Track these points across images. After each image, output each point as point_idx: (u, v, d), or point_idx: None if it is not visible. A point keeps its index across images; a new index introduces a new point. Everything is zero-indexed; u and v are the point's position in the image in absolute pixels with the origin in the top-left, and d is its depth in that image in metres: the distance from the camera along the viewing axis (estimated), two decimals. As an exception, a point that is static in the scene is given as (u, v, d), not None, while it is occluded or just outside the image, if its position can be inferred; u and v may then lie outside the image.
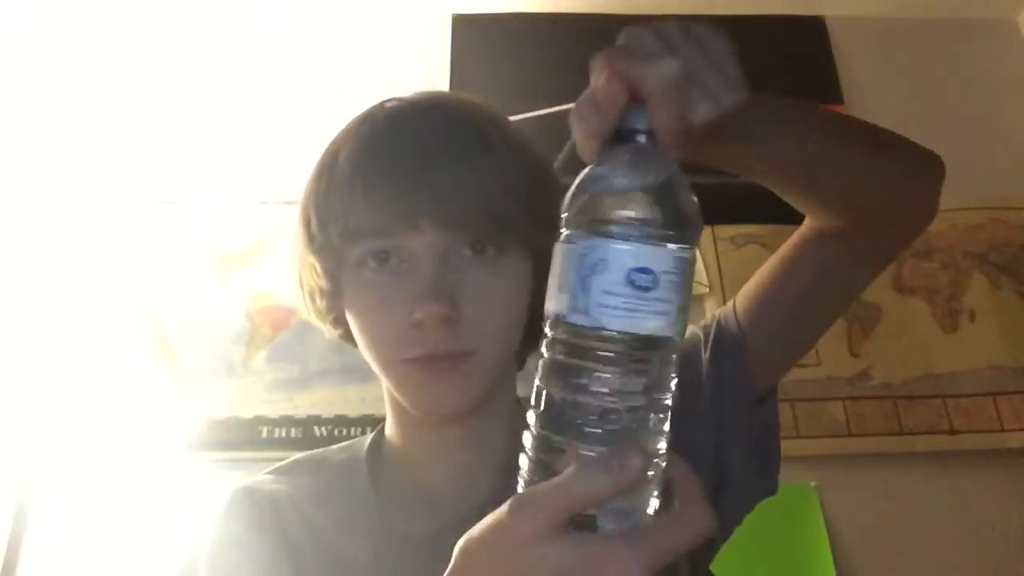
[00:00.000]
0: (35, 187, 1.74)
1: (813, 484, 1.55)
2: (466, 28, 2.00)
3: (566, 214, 0.42)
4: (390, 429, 0.69)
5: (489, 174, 0.58)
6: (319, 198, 0.60)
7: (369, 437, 0.72)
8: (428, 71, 1.94)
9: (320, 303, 0.65)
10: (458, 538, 0.43)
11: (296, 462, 0.72)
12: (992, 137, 1.91)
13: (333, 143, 0.63)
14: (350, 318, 0.62)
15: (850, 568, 1.49)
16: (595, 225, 0.40)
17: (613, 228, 0.40)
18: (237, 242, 1.75)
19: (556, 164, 0.57)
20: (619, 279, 0.39)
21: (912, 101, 1.94)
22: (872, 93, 1.95)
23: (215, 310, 1.68)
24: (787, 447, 1.72)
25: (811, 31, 2.04)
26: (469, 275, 0.57)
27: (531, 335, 0.62)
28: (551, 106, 1.99)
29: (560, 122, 1.89)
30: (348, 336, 0.66)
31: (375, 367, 0.62)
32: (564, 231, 0.42)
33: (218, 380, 1.61)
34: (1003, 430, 1.61)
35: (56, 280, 1.65)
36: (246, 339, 1.66)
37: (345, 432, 1.57)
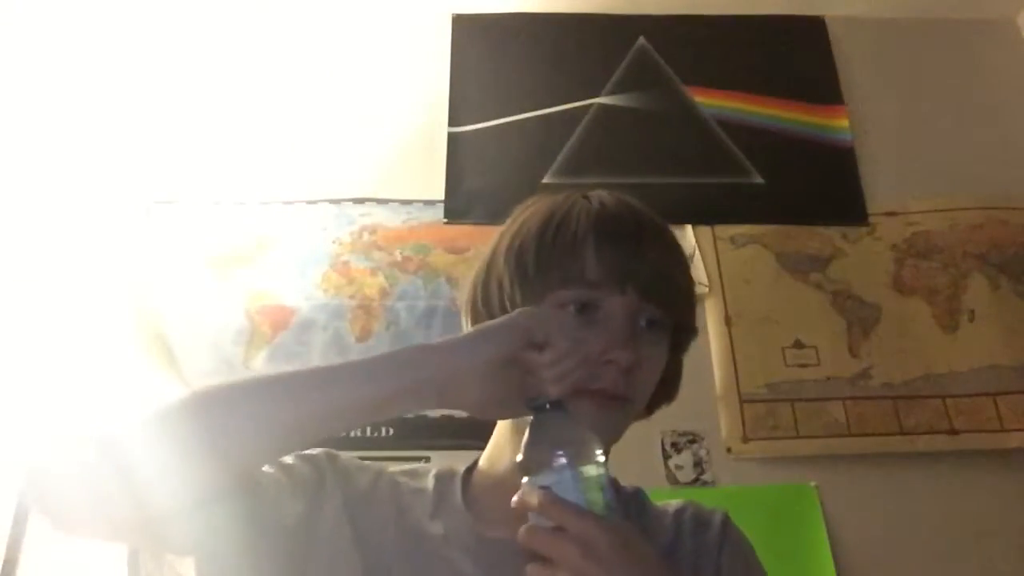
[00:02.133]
0: (35, 187, 1.74)
1: (813, 484, 1.55)
2: (466, 28, 2.00)
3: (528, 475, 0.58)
4: (487, 460, 0.78)
5: (677, 265, 0.76)
6: (544, 247, 0.73)
7: (465, 465, 0.80)
8: (428, 71, 1.94)
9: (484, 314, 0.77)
10: None
11: (396, 468, 0.80)
12: (992, 137, 1.91)
13: (551, 211, 0.75)
14: None
15: (850, 568, 1.49)
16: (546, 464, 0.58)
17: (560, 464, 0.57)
18: (237, 242, 1.75)
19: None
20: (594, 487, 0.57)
21: (912, 101, 1.94)
22: (872, 93, 1.94)
23: (215, 310, 1.68)
24: (787, 447, 1.71)
25: (811, 31, 2.03)
26: (642, 339, 0.71)
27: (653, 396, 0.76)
28: (550, 106, 1.99)
29: (558, 123, 1.88)
30: None
31: None
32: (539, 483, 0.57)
33: (218, 380, 1.61)
34: (1003, 430, 1.61)
35: (56, 280, 1.65)
36: (246, 339, 1.66)
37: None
